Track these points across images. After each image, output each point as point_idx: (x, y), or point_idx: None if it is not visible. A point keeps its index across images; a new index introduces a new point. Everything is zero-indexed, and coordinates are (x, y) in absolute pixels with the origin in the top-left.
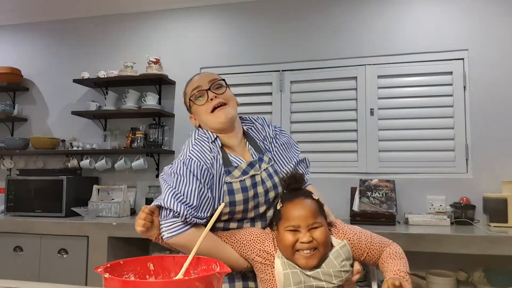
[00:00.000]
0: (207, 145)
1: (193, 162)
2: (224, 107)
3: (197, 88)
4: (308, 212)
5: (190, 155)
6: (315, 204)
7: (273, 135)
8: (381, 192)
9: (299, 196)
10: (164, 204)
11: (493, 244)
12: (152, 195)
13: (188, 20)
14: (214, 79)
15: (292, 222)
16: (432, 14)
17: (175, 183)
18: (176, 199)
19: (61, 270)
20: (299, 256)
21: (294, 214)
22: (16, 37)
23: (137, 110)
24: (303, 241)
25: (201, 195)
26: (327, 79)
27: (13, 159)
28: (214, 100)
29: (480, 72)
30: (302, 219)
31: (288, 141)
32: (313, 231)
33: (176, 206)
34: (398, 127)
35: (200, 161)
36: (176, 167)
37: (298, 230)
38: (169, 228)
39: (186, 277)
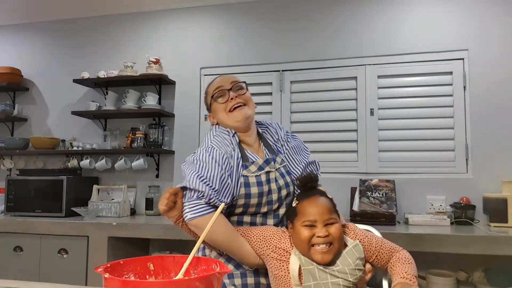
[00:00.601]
0: (228, 138)
1: (215, 151)
2: (243, 107)
3: (218, 88)
4: (324, 208)
5: (212, 144)
6: (330, 201)
7: (285, 138)
8: (381, 192)
9: (315, 194)
10: (189, 184)
11: (493, 244)
12: (152, 195)
13: (188, 20)
14: (235, 80)
15: (309, 217)
16: (432, 14)
17: (198, 168)
18: (201, 180)
19: (61, 270)
20: (315, 251)
21: (310, 210)
22: (16, 37)
23: (137, 110)
24: (319, 235)
25: (223, 180)
26: (327, 79)
27: (13, 159)
28: (234, 100)
29: (480, 72)
30: (319, 214)
31: (299, 144)
32: (329, 226)
33: (201, 187)
34: (398, 127)
35: (221, 150)
36: (199, 155)
37: (315, 225)
38: (192, 209)
39: (186, 277)
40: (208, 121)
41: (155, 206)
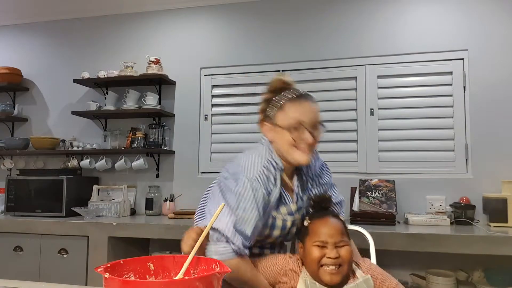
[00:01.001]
0: (273, 173)
1: (259, 189)
2: (309, 151)
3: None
4: (336, 230)
5: (257, 178)
6: (342, 223)
7: (318, 171)
8: (381, 192)
9: (328, 214)
10: (223, 231)
11: (493, 244)
12: (152, 195)
13: (188, 20)
14: (318, 121)
15: (320, 238)
16: (432, 14)
17: (237, 208)
18: (237, 230)
19: (61, 270)
20: (324, 272)
21: (322, 230)
22: (16, 37)
23: (137, 110)
24: (330, 256)
25: (256, 226)
26: (327, 79)
27: (13, 159)
28: (310, 145)
29: (480, 72)
30: (330, 235)
31: (330, 181)
32: (340, 248)
33: (234, 237)
34: (398, 127)
35: (265, 189)
36: (243, 188)
37: (326, 246)
38: (220, 252)
39: (186, 277)
40: (206, 121)
41: (155, 206)
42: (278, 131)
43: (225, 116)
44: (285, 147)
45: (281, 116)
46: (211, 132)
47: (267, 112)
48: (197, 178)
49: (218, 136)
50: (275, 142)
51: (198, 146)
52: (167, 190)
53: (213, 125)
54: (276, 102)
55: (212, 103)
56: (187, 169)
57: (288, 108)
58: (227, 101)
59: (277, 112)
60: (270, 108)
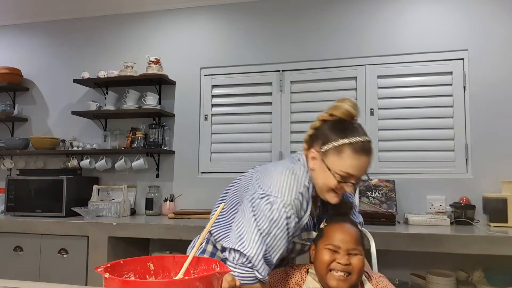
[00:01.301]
0: (307, 199)
1: (292, 218)
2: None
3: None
4: (351, 237)
5: (292, 204)
6: (358, 232)
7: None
8: (381, 192)
9: (345, 221)
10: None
11: (493, 244)
12: (152, 195)
13: (188, 20)
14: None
15: (333, 242)
16: (432, 14)
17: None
18: (265, 259)
19: (61, 270)
20: (332, 277)
21: (337, 235)
22: (16, 37)
23: (137, 110)
24: (340, 261)
25: (282, 254)
26: (327, 79)
27: (13, 159)
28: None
29: (480, 72)
30: (344, 241)
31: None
32: (352, 257)
33: (262, 267)
34: (398, 127)
35: (297, 217)
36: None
37: (337, 252)
38: (242, 276)
39: (186, 277)
40: (206, 121)
41: (155, 206)
42: (324, 170)
43: (225, 116)
44: (323, 186)
45: (335, 159)
46: (211, 132)
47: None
48: (197, 178)
49: (218, 136)
50: (315, 174)
51: (198, 146)
52: (167, 190)
53: (213, 125)
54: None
55: (212, 103)
56: (187, 169)
57: (346, 156)
58: (227, 101)
59: (332, 152)
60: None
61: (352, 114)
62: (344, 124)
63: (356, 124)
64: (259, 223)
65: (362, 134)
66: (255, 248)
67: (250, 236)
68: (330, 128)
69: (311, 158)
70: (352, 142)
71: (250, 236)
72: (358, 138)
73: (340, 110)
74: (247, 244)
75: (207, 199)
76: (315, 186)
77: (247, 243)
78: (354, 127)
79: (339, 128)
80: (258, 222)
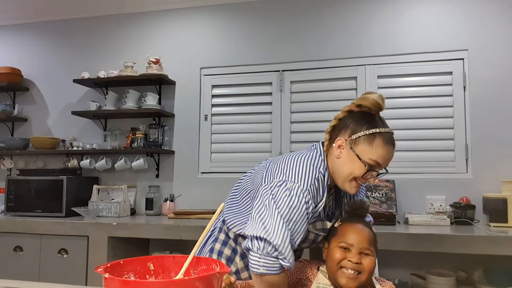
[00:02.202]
0: (323, 186)
1: (310, 202)
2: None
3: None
4: (364, 237)
5: (309, 189)
6: (372, 234)
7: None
8: (381, 192)
9: (361, 221)
10: (279, 246)
11: (493, 244)
12: (152, 195)
13: (188, 20)
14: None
15: (346, 239)
16: (432, 14)
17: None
18: (291, 246)
19: (61, 270)
20: (341, 274)
21: (350, 233)
22: (16, 37)
23: (137, 110)
24: (351, 259)
25: (302, 238)
26: (327, 79)
27: (13, 159)
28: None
29: (480, 72)
30: (357, 240)
31: (362, 198)
32: (363, 256)
33: (289, 254)
34: (398, 127)
35: (313, 203)
36: (297, 199)
37: (349, 249)
38: (270, 268)
39: (186, 277)
40: (206, 121)
41: (155, 206)
42: (352, 158)
43: (225, 116)
44: (345, 174)
45: (366, 147)
46: (211, 132)
47: (346, 123)
48: (197, 178)
49: (218, 136)
50: (340, 162)
51: (198, 146)
52: (167, 190)
53: (213, 125)
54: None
55: (212, 103)
56: (187, 169)
57: (376, 145)
58: (227, 101)
59: (363, 140)
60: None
61: (380, 106)
62: (372, 115)
63: (381, 117)
64: (281, 210)
65: (388, 127)
66: (281, 235)
67: (274, 223)
68: (359, 117)
69: (338, 146)
70: (382, 132)
71: (274, 223)
72: (388, 129)
73: (369, 101)
74: (272, 232)
75: (207, 199)
76: (336, 175)
77: (271, 230)
78: (382, 119)
79: (369, 118)
80: (279, 209)
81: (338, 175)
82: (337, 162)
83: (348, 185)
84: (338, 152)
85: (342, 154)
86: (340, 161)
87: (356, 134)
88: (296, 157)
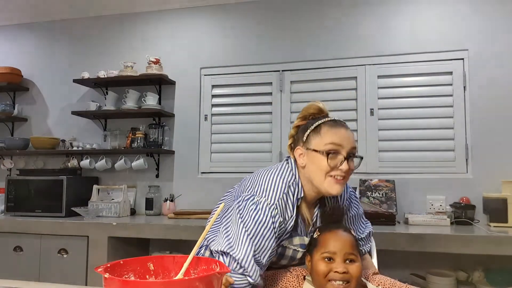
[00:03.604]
0: (292, 201)
1: (277, 217)
2: (343, 181)
3: (337, 145)
4: (346, 243)
5: (277, 204)
6: (353, 238)
7: (346, 204)
8: (381, 192)
9: (339, 227)
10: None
11: (493, 244)
12: (152, 195)
13: (188, 20)
14: (355, 147)
15: (328, 249)
16: (432, 14)
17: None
18: (255, 261)
19: (61, 270)
20: (331, 287)
21: (331, 242)
22: (16, 37)
23: (137, 110)
24: (337, 270)
25: (271, 255)
26: (327, 79)
27: (13, 159)
28: (345, 173)
29: (480, 72)
30: (339, 248)
31: (358, 213)
32: (349, 264)
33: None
34: (398, 127)
35: (281, 217)
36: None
37: (333, 259)
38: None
39: (186, 277)
40: (206, 121)
41: (155, 206)
42: (313, 156)
43: (225, 116)
44: (318, 174)
45: (317, 139)
46: (211, 132)
47: (298, 135)
48: (197, 178)
49: (218, 136)
50: (307, 168)
51: (198, 146)
52: (167, 190)
53: (213, 125)
54: (311, 124)
55: (212, 103)
56: (187, 169)
57: (324, 132)
58: (227, 101)
59: (312, 136)
60: (303, 131)
61: (319, 108)
62: (316, 117)
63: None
64: (246, 225)
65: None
66: (244, 250)
67: (238, 238)
68: (304, 125)
69: (299, 155)
70: (326, 120)
71: (238, 237)
72: (332, 117)
73: (307, 108)
74: (235, 246)
75: (207, 199)
76: (313, 181)
77: (235, 245)
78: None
79: (312, 120)
80: (245, 223)
81: (314, 180)
82: (306, 171)
83: (327, 184)
84: (301, 161)
85: (305, 160)
86: (307, 167)
87: (305, 134)
88: (266, 172)
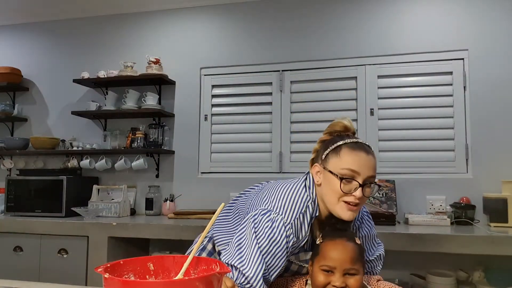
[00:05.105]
0: (308, 220)
1: (291, 237)
2: (356, 208)
3: (353, 172)
4: (347, 256)
5: (292, 223)
6: (356, 249)
7: (357, 224)
8: (381, 192)
9: (342, 236)
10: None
11: (493, 244)
12: (152, 195)
13: (188, 20)
14: (373, 176)
15: (328, 262)
16: (432, 14)
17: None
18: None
19: (61, 270)
20: None
21: (332, 254)
22: (16, 37)
23: (137, 110)
24: (335, 284)
25: (280, 272)
26: (327, 79)
27: (13, 159)
28: (359, 200)
29: (480, 72)
30: (339, 262)
31: (370, 233)
32: (348, 277)
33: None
34: (398, 127)
35: (295, 237)
36: (278, 233)
37: (333, 272)
38: None
39: (186, 277)
40: (206, 121)
41: (155, 206)
42: (329, 177)
43: (225, 116)
44: (332, 196)
45: (335, 160)
46: (211, 132)
47: (319, 151)
48: (197, 178)
49: (218, 136)
50: (322, 187)
51: (198, 146)
52: (167, 190)
53: (213, 125)
54: (331, 143)
55: (212, 103)
56: (187, 169)
57: (343, 154)
58: (227, 101)
59: (331, 155)
60: (324, 148)
61: (346, 126)
62: (342, 136)
63: (352, 134)
64: (260, 241)
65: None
66: (254, 268)
67: (250, 254)
68: (329, 141)
69: (316, 172)
70: (347, 142)
71: (250, 254)
72: (354, 139)
73: (333, 125)
74: (246, 263)
75: (207, 199)
76: (326, 202)
77: (246, 261)
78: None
79: (337, 137)
80: (259, 240)
81: (326, 201)
82: (320, 189)
83: (339, 208)
84: (317, 178)
85: (321, 179)
86: (322, 186)
87: (325, 152)
88: (286, 187)
